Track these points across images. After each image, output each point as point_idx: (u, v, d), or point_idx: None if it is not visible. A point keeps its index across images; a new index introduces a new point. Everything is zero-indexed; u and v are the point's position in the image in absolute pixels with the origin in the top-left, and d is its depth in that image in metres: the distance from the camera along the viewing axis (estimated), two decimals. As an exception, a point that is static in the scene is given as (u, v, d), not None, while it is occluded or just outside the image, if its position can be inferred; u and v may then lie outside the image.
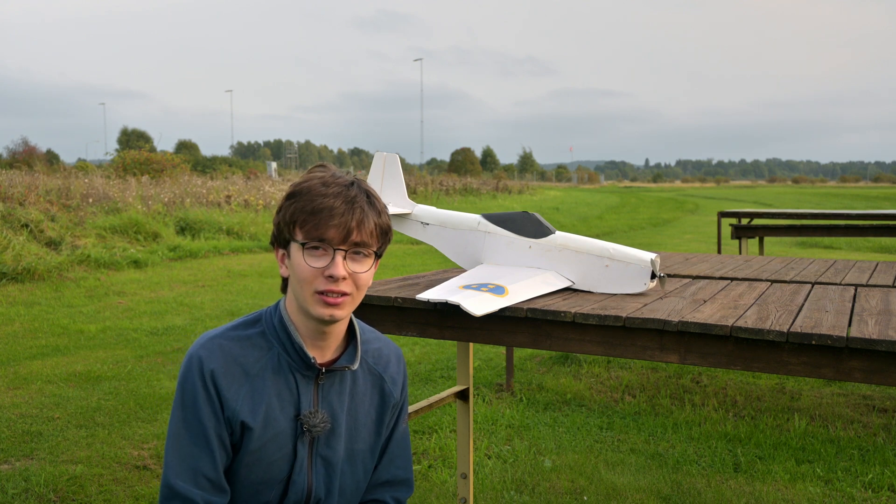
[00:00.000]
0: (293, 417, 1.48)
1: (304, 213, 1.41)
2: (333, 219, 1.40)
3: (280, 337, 1.49)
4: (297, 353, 1.48)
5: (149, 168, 21.70)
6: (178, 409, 1.44)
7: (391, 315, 2.41)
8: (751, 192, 58.91)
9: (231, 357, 1.45)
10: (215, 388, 1.43)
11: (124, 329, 7.07)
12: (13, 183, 13.08)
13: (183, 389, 1.44)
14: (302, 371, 1.49)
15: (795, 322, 1.97)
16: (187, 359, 1.45)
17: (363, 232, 1.43)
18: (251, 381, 1.45)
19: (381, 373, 1.61)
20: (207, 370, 1.43)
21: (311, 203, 1.41)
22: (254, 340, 1.49)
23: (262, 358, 1.48)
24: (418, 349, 6.38)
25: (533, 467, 3.81)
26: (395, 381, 1.63)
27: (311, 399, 1.49)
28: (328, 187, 1.42)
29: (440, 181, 31.72)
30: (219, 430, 1.43)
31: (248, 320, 1.52)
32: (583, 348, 2.14)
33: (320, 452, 1.51)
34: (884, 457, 3.87)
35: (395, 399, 1.62)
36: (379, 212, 1.46)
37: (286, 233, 1.45)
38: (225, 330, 1.50)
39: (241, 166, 43.13)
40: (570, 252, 2.51)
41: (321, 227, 1.40)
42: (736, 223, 8.34)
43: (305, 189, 1.43)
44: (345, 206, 1.41)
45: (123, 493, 3.48)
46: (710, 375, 5.46)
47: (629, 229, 20.87)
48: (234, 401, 1.43)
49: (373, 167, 2.96)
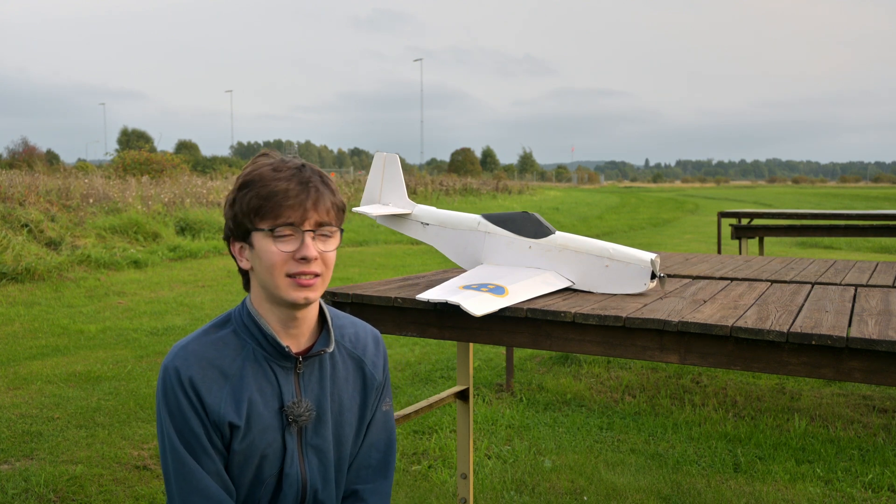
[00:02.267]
0: (277, 410, 1.48)
1: (261, 199, 1.42)
2: (292, 201, 1.41)
3: (252, 332, 1.49)
4: (272, 345, 1.48)
5: (149, 168, 21.70)
6: (168, 422, 1.43)
7: (391, 315, 2.41)
8: (751, 193, 58.91)
9: (206, 361, 1.45)
10: (196, 396, 1.42)
11: (124, 329, 7.06)
12: (13, 183, 13.08)
13: (167, 402, 1.43)
14: (279, 362, 1.49)
15: (795, 322, 1.97)
16: (163, 372, 1.44)
17: (321, 210, 1.44)
18: (230, 380, 1.45)
19: (361, 356, 1.61)
20: (186, 378, 1.42)
21: (265, 188, 1.42)
22: (226, 340, 1.48)
23: (237, 356, 1.47)
24: (418, 349, 6.38)
25: (533, 467, 3.81)
26: (375, 363, 1.63)
27: (293, 389, 1.49)
28: (280, 172, 1.43)
29: (440, 181, 31.72)
30: (209, 435, 1.43)
31: (217, 322, 1.52)
32: (583, 348, 2.14)
33: (310, 442, 1.51)
34: (884, 457, 3.87)
35: (377, 381, 1.62)
36: (333, 190, 1.48)
37: (246, 223, 1.44)
38: (196, 336, 1.49)
39: (241, 166, 43.09)
40: (570, 252, 2.51)
41: (281, 211, 1.41)
42: (736, 223, 8.34)
43: (257, 177, 1.44)
44: (300, 188, 1.42)
45: (123, 493, 3.48)
46: (710, 375, 5.46)
47: (629, 229, 20.87)
48: (217, 404, 1.43)
49: (373, 167, 2.96)
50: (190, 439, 1.42)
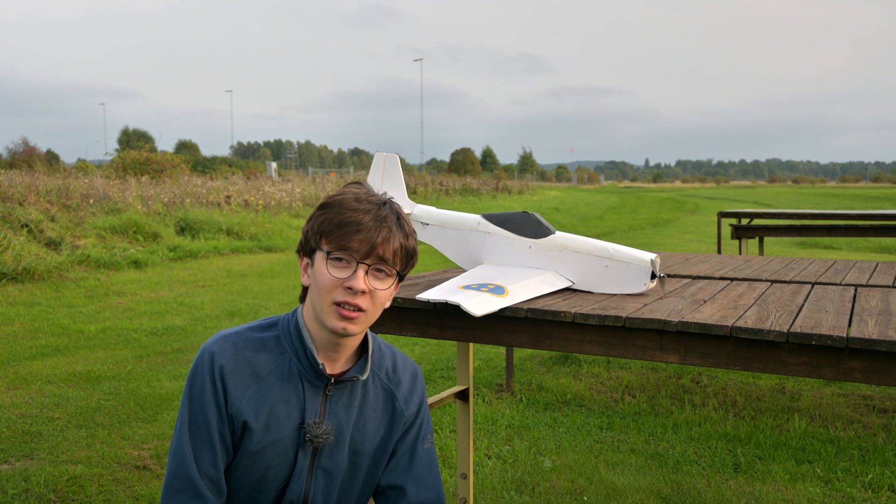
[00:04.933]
0: (297, 425, 1.48)
1: (333, 224, 1.44)
2: (360, 233, 1.43)
3: (294, 343, 1.50)
4: (309, 361, 1.49)
5: (149, 168, 21.69)
6: (186, 403, 1.46)
7: (391, 315, 2.41)
8: (751, 193, 58.92)
9: (242, 356, 1.47)
10: (223, 384, 1.44)
11: (124, 329, 7.06)
12: (13, 183, 13.07)
13: (192, 383, 1.46)
14: (311, 380, 1.49)
15: (795, 322, 1.97)
16: (200, 353, 1.48)
17: (387, 249, 1.45)
18: (259, 382, 1.46)
19: (394, 389, 1.60)
20: (217, 366, 1.45)
21: (340, 215, 1.44)
22: (267, 343, 1.50)
23: (272, 361, 1.49)
24: (418, 349, 6.38)
25: (533, 467, 3.81)
26: (407, 400, 1.61)
27: (318, 409, 1.50)
28: (360, 203, 1.46)
29: (440, 181, 31.72)
30: (222, 427, 1.44)
31: (265, 323, 1.54)
32: (583, 348, 2.14)
33: (322, 464, 1.51)
34: (884, 457, 3.87)
35: (405, 416, 1.60)
36: (407, 234, 1.50)
37: (313, 242, 1.47)
38: (241, 330, 1.52)
39: (241, 166, 43.15)
40: (569, 252, 2.51)
41: (347, 238, 1.43)
42: (736, 223, 8.34)
43: (337, 202, 1.47)
44: (373, 223, 1.44)
45: (123, 493, 3.48)
46: (710, 375, 5.46)
47: (629, 229, 20.87)
48: (240, 399, 1.44)
49: (373, 167, 2.96)
50: (200, 425, 1.44)
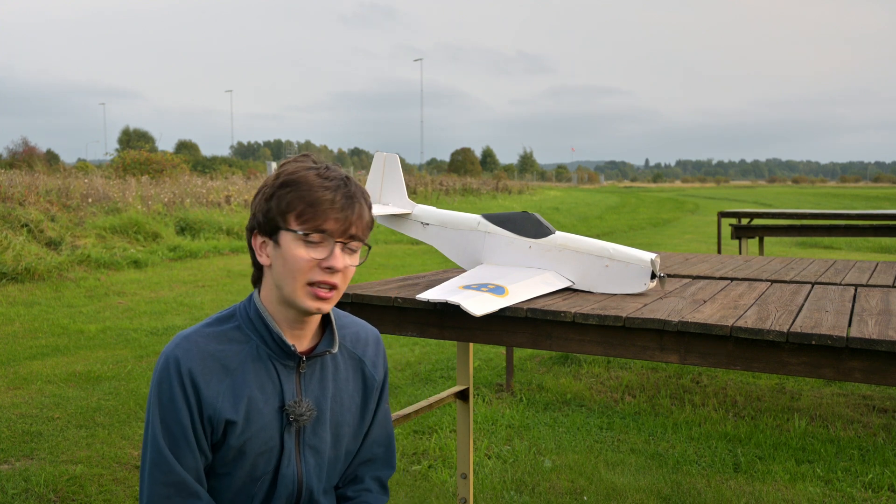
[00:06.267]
0: (278, 409, 1.47)
1: (304, 202, 1.41)
2: (334, 212, 1.41)
3: (257, 328, 1.48)
4: (276, 343, 1.47)
5: (149, 168, 21.69)
6: (156, 412, 1.41)
7: (391, 315, 2.41)
8: (751, 193, 58.91)
9: (208, 353, 1.44)
10: (194, 388, 1.40)
11: (124, 329, 7.06)
12: (13, 183, 13.07)
13: (160, 391, 1.41)
14: (282, 361, 1.49)
15: (795, 322, 1.97)
16: (163, 359, 1.43)
17: (360, 225, 1.45)
18: (231, 375, 1.44)
19: (361, 356, 1.61)
20: (185, 369, 1.40)
21: (310, 194, 1.41)
22: (230, 335, 1.47)
23: (240, 351, 1.46)
24: (418, 349, 6.38)
25: (533, 467, 3.81)
26: (375, 364, 1.63)
27: (294, 388, 1.49)
28: (327, 180, 1.43)
29: (440, 181, 31.72)
30: (197, 432, 1.41)
31: (221, 316, 1.51)
32: (583, 348, 2.14)
33: (308, 442, 1.51)
34: (884, 457, 3.87)
35: (377, 381, 1.63)
36: (369, 207, 1.50)
37: (279, 221, 1.43)
38: (199, 328, 1.48)
39: (241, 166, 43.15)
40: (570, 252, 2.51)
41: (321, 218, 1.41)
42: (736, 223, 8.34)
43: (302, 179, 1.43)
44: (345, 201, 1.43)
45: (123, 493, 3.48)
46: (710, 375, 5.46)
47: (629, 229, 20.87)
48: (215, 398, 1.42)
49: (373, 167, 2.96)
50: (175, 431, 1.40)
